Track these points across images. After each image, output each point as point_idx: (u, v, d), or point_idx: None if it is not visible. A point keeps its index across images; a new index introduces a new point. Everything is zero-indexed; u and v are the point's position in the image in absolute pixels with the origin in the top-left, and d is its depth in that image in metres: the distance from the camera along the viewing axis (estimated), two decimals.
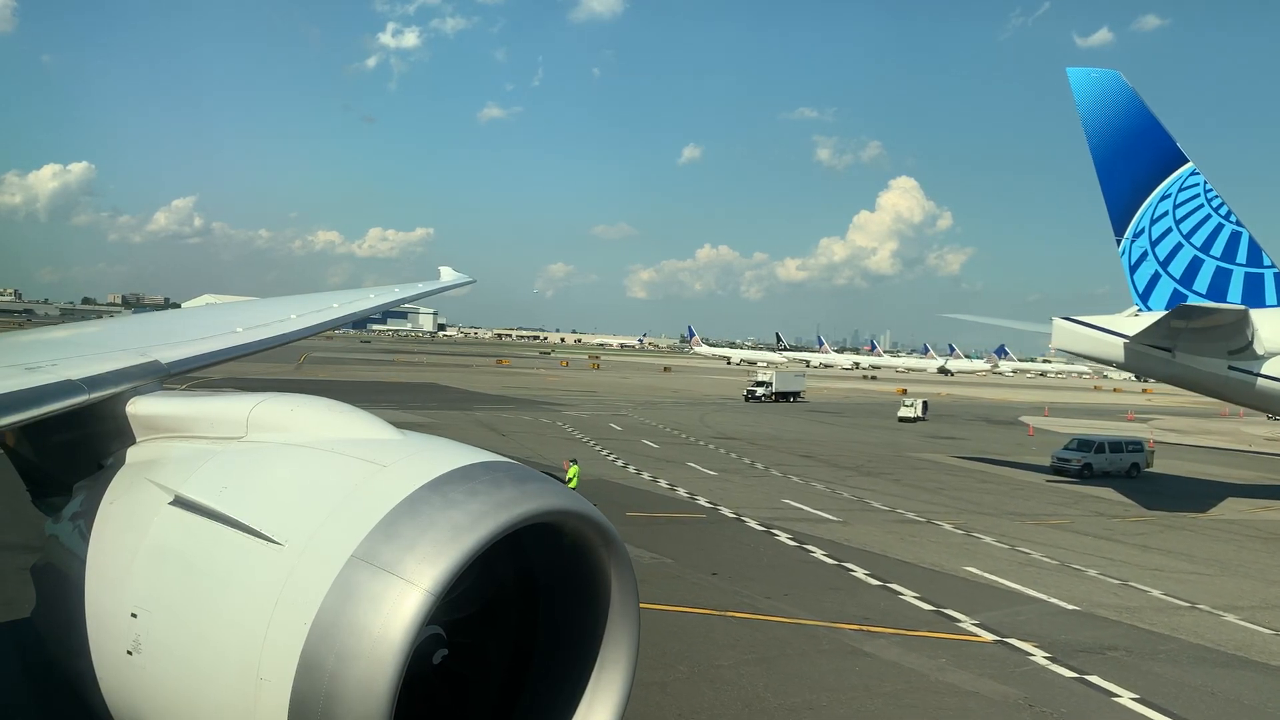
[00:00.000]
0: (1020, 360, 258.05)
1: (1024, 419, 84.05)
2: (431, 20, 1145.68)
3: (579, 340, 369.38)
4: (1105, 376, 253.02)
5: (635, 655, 4.29)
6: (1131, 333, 35.79)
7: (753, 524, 27.76)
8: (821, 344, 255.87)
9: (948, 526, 29.48)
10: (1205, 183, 36.99)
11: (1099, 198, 37.00)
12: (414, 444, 4.40)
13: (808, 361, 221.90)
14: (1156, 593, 22.27)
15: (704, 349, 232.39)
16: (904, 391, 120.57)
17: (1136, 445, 46.40)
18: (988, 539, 27.77)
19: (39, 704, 9.64)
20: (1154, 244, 37.12)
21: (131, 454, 4.90)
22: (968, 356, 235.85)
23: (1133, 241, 37.40)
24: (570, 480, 26.85)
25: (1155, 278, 37.10)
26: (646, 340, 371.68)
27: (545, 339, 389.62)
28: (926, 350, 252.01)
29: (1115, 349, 36.69)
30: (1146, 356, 36.16)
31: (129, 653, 4.09)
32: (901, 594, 20.63)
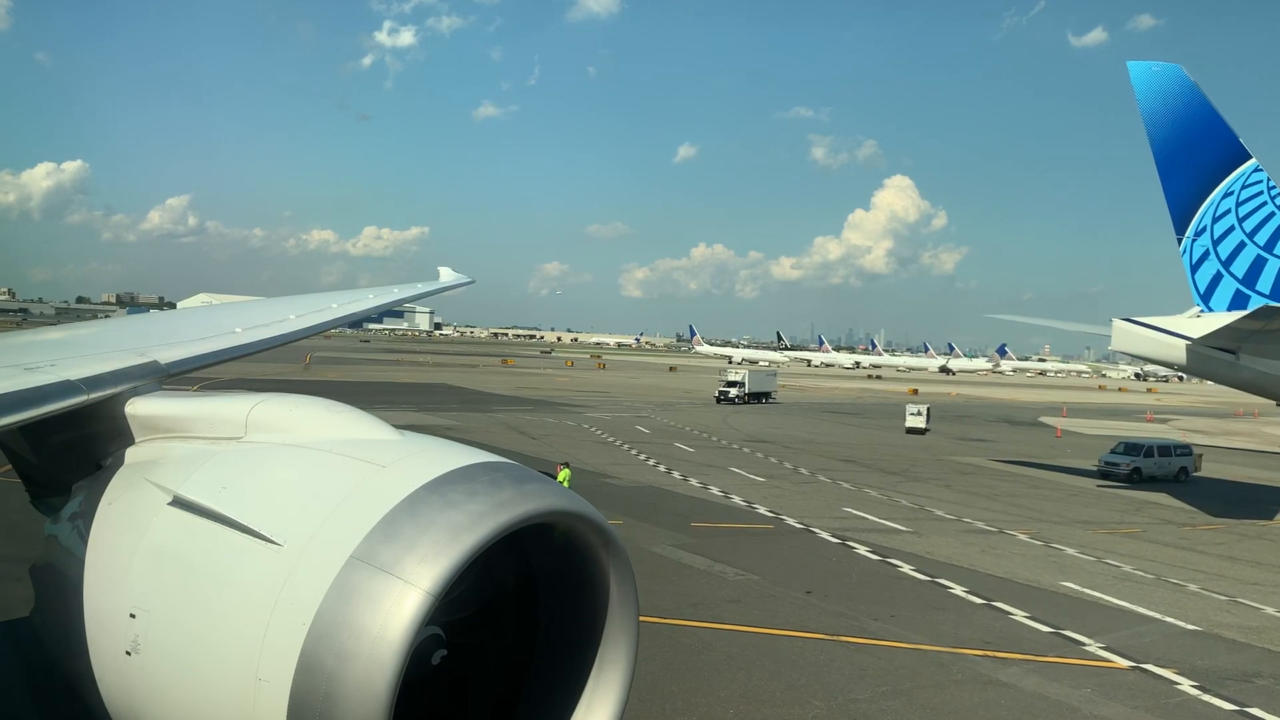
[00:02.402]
0: (1018, 359, 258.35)
1: (1044, 420, 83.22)
2: (428, 19, 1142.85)
3: (575, 339, 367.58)
4: (1104, 376, 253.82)
5: (634, 656, 4.25)
6: (1195, 334, 34.68)
7: (825, 535, 26.57)
8: (822, 343, 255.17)
9: (1023, 537, 28.34)
10: (1269, 179, 35.91)
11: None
12: (413, 444, 4.35)
13: (809, 360, 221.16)
14: (1270, 610, 21.15)
15: (706, 348, 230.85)
16: (915, 391, 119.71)
17: (1185, 449, 45.37)
18: (1069, 550, 26.65)
19: (37, 704, 9.20)
20: (1216, 243, 36.03)
21: (130, 454, 4.86)
22: (967, 355, 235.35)
23: (1194, 240, 36.33)
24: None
25: (1217, 277, 36.02)
26: (643, 339, 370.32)
27: (542, 338, 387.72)
28: (926, 349, 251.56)
29: (1177, 351, 35.56)
30: (1210, 359, 35.05)
31: (128, 653, 4.04)
32: (1011, 614, 19.48)
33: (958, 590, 21.18)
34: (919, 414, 64.42)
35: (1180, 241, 36.56)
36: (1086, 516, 33.29)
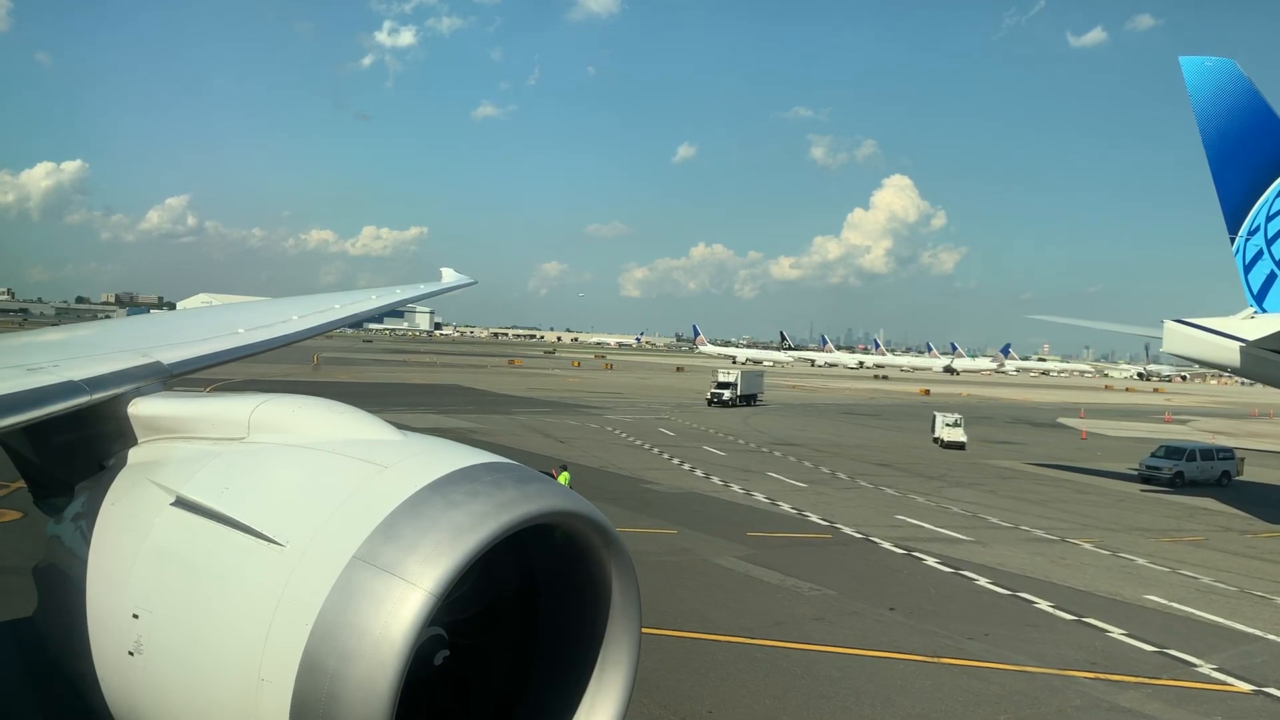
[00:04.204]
0: (1020, 359, 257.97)
1: (1063, 421, 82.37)
2: (428, 19, 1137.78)
3: (575, 339, 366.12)
4: (1106, 375, 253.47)
5: (637, 656, 4.23)
6: (1249, 336, 33.79)
7: (888, 546, 25.64)
8: (825, 343, 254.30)
9: (1087, 546, 27.45)
10: None
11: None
12: (415, 445, 4.33)
13: (812, 360, 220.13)
14: None
15: (710, 348, 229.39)
16: (927, 393, 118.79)
17: (1227, 453, 44.47)
18: (1140, 560, 25.78)
19: (40, 705, 9.14)
20: (1270, 242, 35.15)
21: (133, 455, 4.85)
22: (969, 355, 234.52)
23: (1247, 239, 35.45)
24: None
25: (1271, 278, 35.14)
26: (644, 339, 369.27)
27: (542, 338, 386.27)
28: (930, 349, 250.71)
29: (1230, 353, 34.68)
30: (1265, 361, 34.15)
31: (130, 653, 4.04)
32: (1108, 631, 18.59)
33: (1043, 605, 20.28)
34: (956, 424, 53.83)
35: (1233, 241, 35.70)
36: (1142, 523, 32.42)
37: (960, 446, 52.68)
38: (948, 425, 54.25)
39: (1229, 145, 35.03)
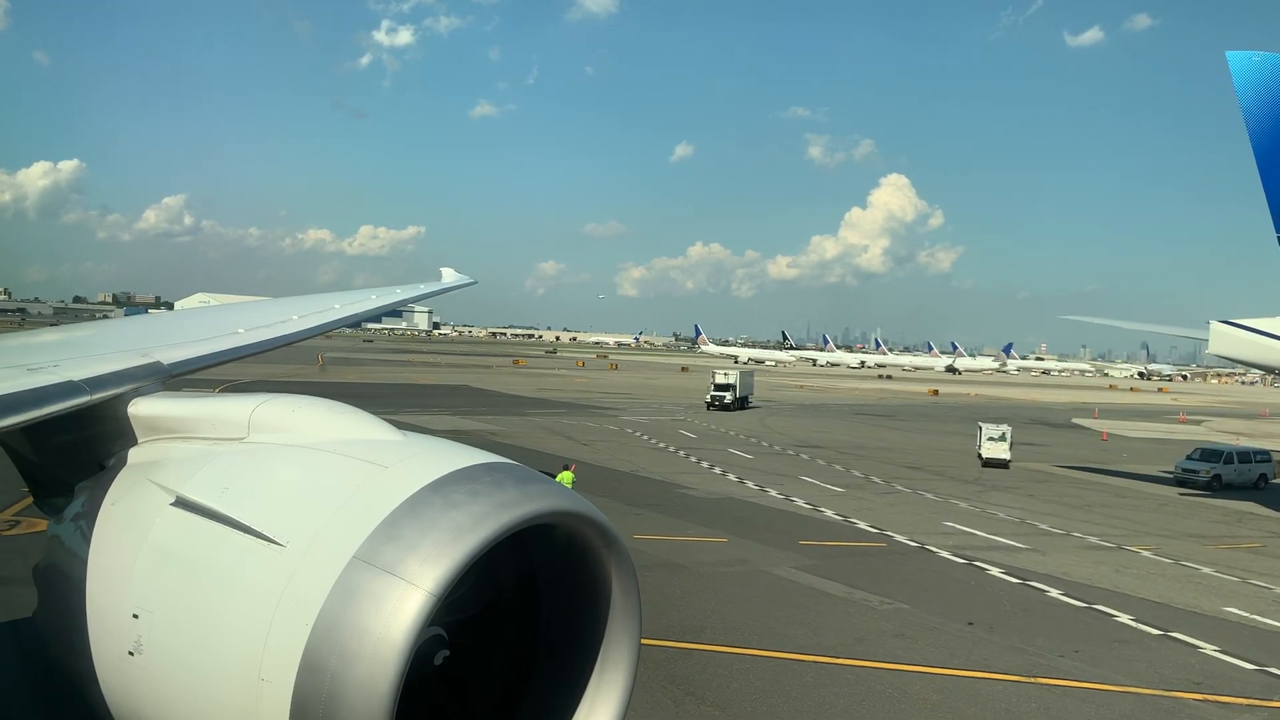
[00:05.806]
0: (1020, 359, 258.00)
1: (1078, 422, 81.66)
2: (426, 19, 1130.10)
3: (574, 339, 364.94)
4: (1107, 375, 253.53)
5: (637, 656, 4.20)
6: None
7: (945, 555, 24.80)
8: (827, 342, 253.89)
9: (1147, 554, 26.68)
10: None
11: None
12: (415, 445, 4.32)
13: (814, 360, 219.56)
14: None
15: (712, 348, 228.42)
16: (936, 393, 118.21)
17: (1264, 456, 43.76)
18: (1205, 569, 25.01)
19: (40, 704, 9.07)
20: None
21: (133, 455, 4.84)
22: (969, 354, 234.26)
23: None
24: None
25: None
26: (643, 339, 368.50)
27: (540, 337, 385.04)
28: (930, 348, 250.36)
29: (1278, 354, 34.01)
30: None
31: (130, 653, 4.01)
32: (1200, 647, 17.81)
33: (1124, 619, 19.48)
34: (1001, 438, 45.59)
35: None
36: (1193, 529, 31.67)
37: (1003, 465, 45.09)
38: (992, 439, 45.82)
39: (1276, 140, 34.20)
